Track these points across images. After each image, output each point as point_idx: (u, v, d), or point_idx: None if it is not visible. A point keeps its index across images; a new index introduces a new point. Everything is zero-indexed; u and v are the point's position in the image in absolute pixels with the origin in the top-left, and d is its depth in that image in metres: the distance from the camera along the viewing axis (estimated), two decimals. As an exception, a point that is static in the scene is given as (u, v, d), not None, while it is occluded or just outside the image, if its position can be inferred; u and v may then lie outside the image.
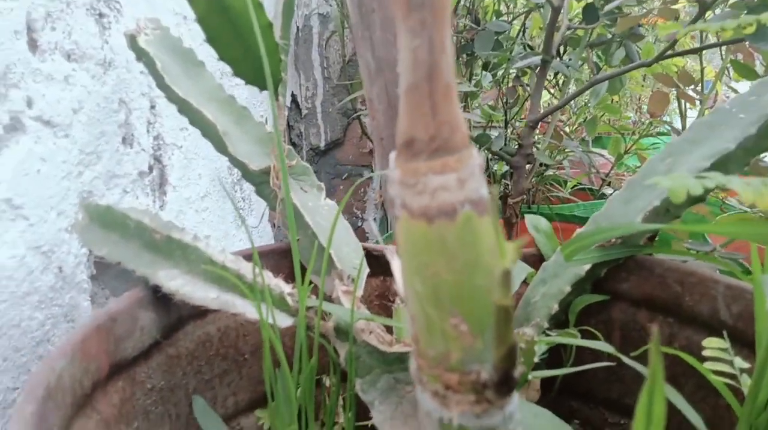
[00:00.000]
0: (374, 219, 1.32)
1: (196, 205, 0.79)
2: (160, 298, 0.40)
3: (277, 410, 0.36)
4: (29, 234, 0.47)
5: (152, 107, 0.68)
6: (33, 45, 0.48)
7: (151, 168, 0.67)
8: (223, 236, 0.88)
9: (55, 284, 0.50)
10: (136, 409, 0.39)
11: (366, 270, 0.46)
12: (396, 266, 0.30)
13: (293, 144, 1.37)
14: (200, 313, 0.43)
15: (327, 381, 0.48)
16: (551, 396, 0.52)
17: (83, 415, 0.33)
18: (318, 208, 0.52)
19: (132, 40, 0.55)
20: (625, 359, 0.32)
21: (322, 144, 1.27)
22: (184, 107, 0.56)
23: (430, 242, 0.18)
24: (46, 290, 0.49)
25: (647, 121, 1.34)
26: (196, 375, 0.45)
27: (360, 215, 1.32)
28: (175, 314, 0.42)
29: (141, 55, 0.56)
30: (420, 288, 0.19)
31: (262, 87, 0.50)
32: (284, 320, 0.37)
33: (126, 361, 0.38)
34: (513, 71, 0.95)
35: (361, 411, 0.42)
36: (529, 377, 0.37)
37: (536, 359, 0.37)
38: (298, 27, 1.31)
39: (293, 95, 1.29)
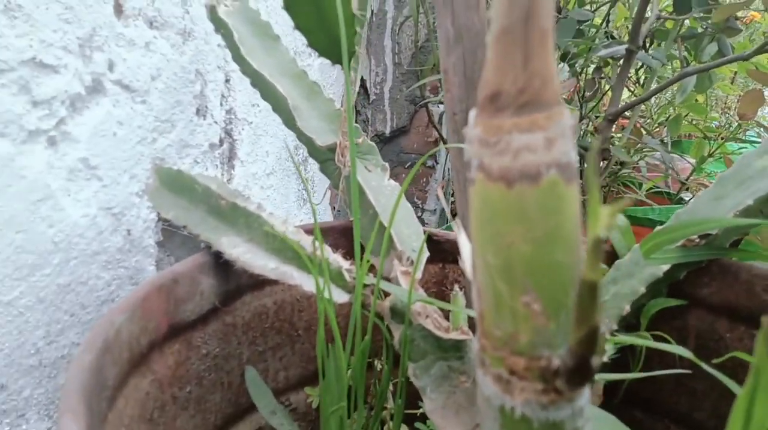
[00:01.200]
0: (434, 210, 1.31)
1: (262, 181, 0.80)
2: (221, 265, 0.40)
3: (327, 387, 0.36)
4: (102, 195, 0.48)
5: (227, 81, 0.69)
6: (118, 10, 0.49)
7: (221, 141, 0.68)
8: (284, 215, 0.89)
9: (123, 246, 0.51)
10: (189, 373, 0.39)
11: (426, 253, 0.45)
12: (463, 240, 0.28)
13: (359, 130, 1.38)
14: (258, 284, 0.43)
15: (378, 364, 0.47)
16: (614, 403, 0.49)
17: (138, 373, 0.33)
18: (381, 188, 0.51)
19: (212, 11, 0.56)
20: (705, 367, 0.29)
21: (388, 131, 1.26)
22: (257, 80, 0.56)
23: (507, 208, 0.16)
24: (114, 251, 0.50)
25: (735, 124, 1.25)
26: (250, 346, 0.45)
27: (420, 205, 1.31)
28: (234, 283, 0.42)
29: (219, 26, 0.56)
30: (491, 259, 0.17)
31: (336, 59, 0.49)
32: (340, 296, 0.36)
33: (184, 324, 0.38)
34: (593, 63, 0.90)
35: (411, 398, 0.41)
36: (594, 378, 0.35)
37: (603, 360, 0.34)
38: (372, 11, 1.30)
39: (362, 80, 1.28)
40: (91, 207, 0.47)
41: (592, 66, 0.94)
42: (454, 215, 1.17)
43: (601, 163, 0.80)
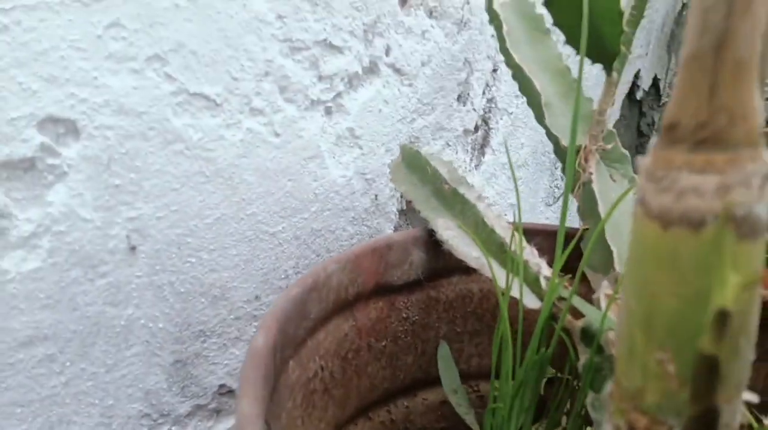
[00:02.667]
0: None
1: (509, 172, 0.80)
2: (432, 242, 0.43)
3: (500, 385, 0.36)
4: (360, 161, 0.55)
5: (494, 71, 0.71)
6: (403, 0, 0.55)
7: (477, 128, 0.71)
8: (529, 209, 0.88)
9: (369, 208, 0.58)
10: (387, 330, 0.43)
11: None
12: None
13: (640, 133, 1.25)
14: (467, 269, 0.44)
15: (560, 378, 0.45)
16: None
17: (342, 316, 0.39)
18: (624, 200, 0.47)
19: (489, 2, 0.58)
20: None
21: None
22: (517, 73, 0.56)
23: (660, 253, 0.15)
24: (361, 210, 0.57)
25: None
26: (448, 323, 0.47)
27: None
28: (442, 262, 0.44)
29: (493, 17, 0.58)
30: (633, 304, 0.15)
31: (595, 59, 0.46)
32: (532, 301, 0.36)
33: (390, 286, 0.42)
34: None
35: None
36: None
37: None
38: (684, 3, 1.16)
39: (655, 78, 1.16)
40: (349, 170, 0.55)
41: None
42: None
43: None
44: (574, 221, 0.69)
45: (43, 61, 0.33)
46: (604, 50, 0.44)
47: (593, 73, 0.92)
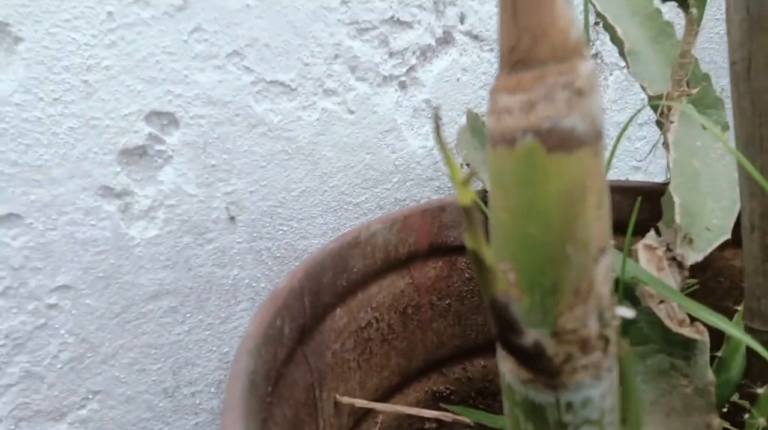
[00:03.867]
0: None
1: (628, 132, 0.75)
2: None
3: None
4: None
5: (596, 23, 0.67)
6: (475, -32, 0.55)
7: (579, 88, 0.68)
8: (629, 170, 0.81)
9: (458, 177, 0.60)
10: (450, 289, 0.45)
11: (723, 236, 0.37)
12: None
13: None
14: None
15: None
16: None
17: (396, 273, 0.42)
18: (707, 150, 0.43)
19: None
20: None
21: None
22: (603, 22, 0.53)
23: (494, 171, 0.16)
24: (447, 180, 0.59)
25: None
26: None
27: None
28: (502, 221, 0.45)
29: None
30: (492, 220, 0.17)
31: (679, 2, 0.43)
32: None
33: (447, 247, 0.44)
34: None
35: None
36: None
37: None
38: None
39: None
40: (429, 141, 0.57)
41: None
42: None
43: None
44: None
45: (144, 66, 0.42)
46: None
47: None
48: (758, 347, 0.29)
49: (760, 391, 0.33)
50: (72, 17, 0.38)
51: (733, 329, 0.28)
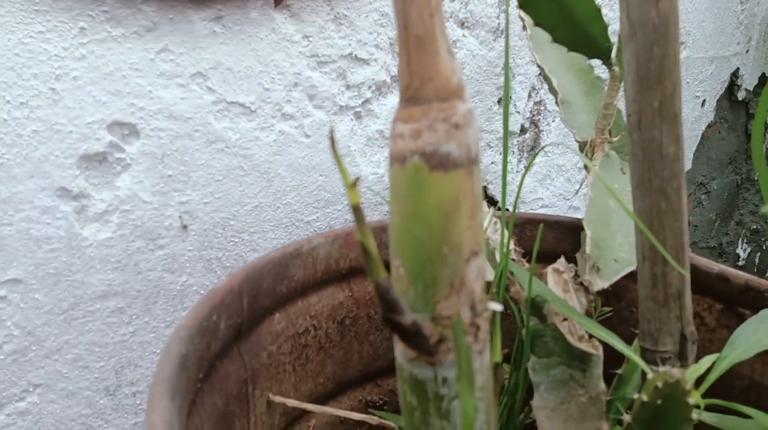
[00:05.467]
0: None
1: (568, 174, 0.81)
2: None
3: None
4: (392, 160, 0.62)
5: (539, 74, 0.73)
6: (431, 14, 0.60)
7: (523, 130, 0.74)
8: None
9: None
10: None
11: (629, 268, 0.42)
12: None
13: (748, 137, 1.15)
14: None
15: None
16: None
17: (336, 286, 0.45)
18: (622, 192, 0.48)
19: (519, 5, 0.61)
20: None
21: None
22: (542, 73, 0.59)
23: (392, 184, 0.19)
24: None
25: None
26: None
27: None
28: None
29: (522, 20, 0.61)
30: (390, 224, 0.20)
31: (588, 54, 0.48)
32: (489, 274, 0.39)
33: (388, 265, 0.47)
34: None
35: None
36: None
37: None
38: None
39: (763, 77, 1.07)
40: (380, 168, 0.61)
41: None
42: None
43: None
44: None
45: (111, 79, 0.44)
46: (596, 46, 0.46)
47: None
48: (640, 362, 0.33)
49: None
50: (45, 30, 0.41)
51: (618, 343, 0.32)
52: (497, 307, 0.20)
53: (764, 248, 1.19)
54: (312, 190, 0.57)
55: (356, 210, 0.17)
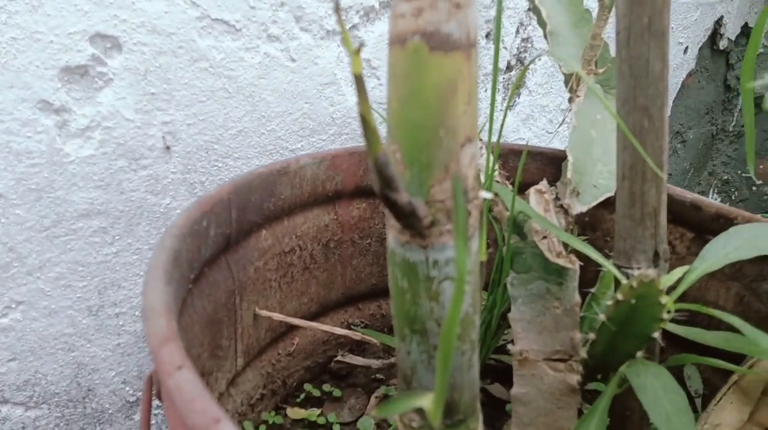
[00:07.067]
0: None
1: (551, 115, 0.82)
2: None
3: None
4: (377, 91, 0.61)
5: (529, 9, 0.72)
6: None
7: (509, 67, 0.73)
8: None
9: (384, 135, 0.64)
10: (372, 230, 0.49)
11: (607, 193, 0.43)
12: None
13: (727, 87, 1.17)
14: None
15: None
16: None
17: (322, 208, 0.45)
18: (605, 122, 0.49)
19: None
20: None
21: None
22: (530, 4, 0.58)
23: (390, 67, 0.20)
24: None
25: None
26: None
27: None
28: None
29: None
30: (387, 108, 0.21)
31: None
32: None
33: (371, 190, 0.48)
34: None
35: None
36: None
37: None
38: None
39: (746, 26, 1.07)
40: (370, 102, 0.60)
41: None
42: None
43: None
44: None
45: (91, -12, 0.43)
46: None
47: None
48: (614, 269, 0.35)
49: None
50: (21, -73, 0.39)
51: (593, 253, 0.34)
52: (488, 194, 0.21)
53: (733, 198, 1.23)
54: (297, 118, 0.57)
55: (358, 80, 0.17)
